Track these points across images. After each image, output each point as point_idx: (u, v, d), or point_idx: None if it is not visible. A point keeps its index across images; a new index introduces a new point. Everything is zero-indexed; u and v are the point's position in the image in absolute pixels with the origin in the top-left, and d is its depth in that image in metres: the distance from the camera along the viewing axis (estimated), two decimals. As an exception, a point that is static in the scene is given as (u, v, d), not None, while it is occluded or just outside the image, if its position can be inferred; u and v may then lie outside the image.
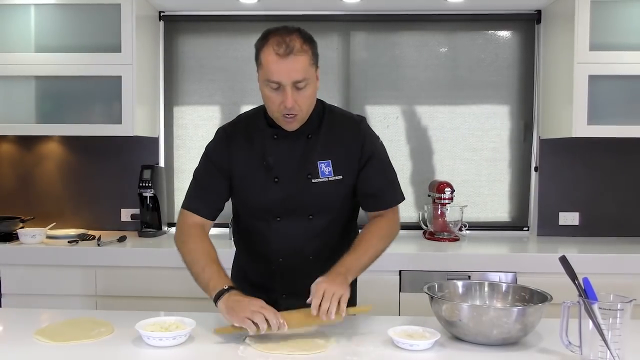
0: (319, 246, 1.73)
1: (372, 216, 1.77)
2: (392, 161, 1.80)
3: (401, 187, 1.81)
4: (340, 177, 1.68)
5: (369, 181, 1.71)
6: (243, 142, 1.72)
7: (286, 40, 1.53)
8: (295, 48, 1.53)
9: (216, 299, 1.52)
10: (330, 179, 1.68)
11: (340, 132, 1.71)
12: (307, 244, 1.70)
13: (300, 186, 1.67)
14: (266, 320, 1.42)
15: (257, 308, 1.45)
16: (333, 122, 1.73)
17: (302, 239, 1.68)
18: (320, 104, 1.75)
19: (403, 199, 1.78)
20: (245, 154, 1.71)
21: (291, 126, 1.64)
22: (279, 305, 1.76)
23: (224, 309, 1.48)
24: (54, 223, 3.18)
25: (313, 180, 1.67)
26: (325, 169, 1.67)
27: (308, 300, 1.48)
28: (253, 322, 1.42)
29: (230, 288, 1.53)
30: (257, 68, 1.62)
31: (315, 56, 1.61)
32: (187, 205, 1.76)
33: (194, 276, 1.65)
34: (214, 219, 1.77)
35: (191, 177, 1.80)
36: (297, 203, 1.68)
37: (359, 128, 1.72)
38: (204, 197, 1.75)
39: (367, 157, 1.70)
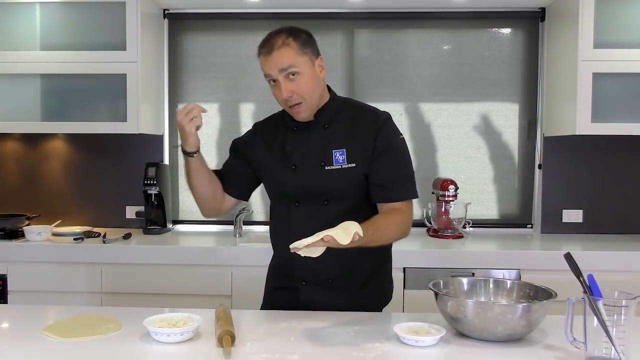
0: None
1: (382, 209, 1.76)
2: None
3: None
4: (354, 165, 1.73)
5: (379, 172, 1.74)
6: (270, 133, 1.86)
7: (270, 40, 1.70)
8: (277, 44, 1.68)
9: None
10: (343, 166, 1.73)
11: (357, 122, 1.77)
12: (323, 229, 1.67)
13: (315, 174, 1.75)
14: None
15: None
16: (352, 113, 1.80)
17: (318, 223, 1.67)
18: (343, 98, 1.86)
19: (415, 196, 1.78)
20: (270, 144, 1.84)
21: (300, 115, 1.74)
22: (299, 292, 1.80)
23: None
24: (60, 220, 3.20)
25: (326, 168, 1.74)
26: (339, 157, 1.74)
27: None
28: None
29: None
30: None
31: (306, 47, 1.71)
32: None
33: (192, 185, 1.82)
34: (230, 194, 1.90)
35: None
36: (312, 189, 1.75)
37: (376, 120, 1.76)
38: (222, 171, 1.91)
39: (380, 149, 1.73)
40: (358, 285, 1.81)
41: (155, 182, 3.12)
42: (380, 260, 1.87)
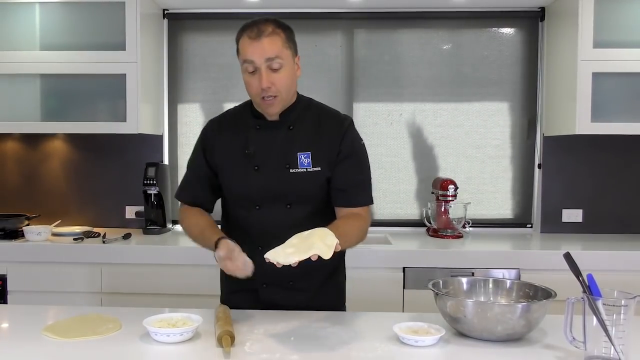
0: None
1: (341, 213, 1.77)
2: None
3: (372, 191, 1.83)
4: (319, 168, 1.73)
5: (341, 177, 1.75)
6: (228, 132, 1.80)
7: (258, 25, 1.65)
8: (267, 31, 1.64)
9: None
10: (308, 169, 1.73)
11: (322, 125, 1.77)
12: (285, 232, 1.59)
13: (279, 175, 1.72)
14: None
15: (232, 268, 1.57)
16: (317, 116, 1.79)
17: (280, 227, 1.66)
18: (307, 99, 1.83)
19: (371, 202, 1.81)
20: (229, 143, 1.78)
21: (271, 109, 1.71)
22: (259, 294, 1.79)
23: (218, 259, 1.60)
24: (59, 220, 3.20)
25: (291, 170, 1.72)
26: (304, 160, 1.73)
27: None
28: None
29: (220, 239, 1.62)
30: (239, 59, 1.71)
31: (290, 42, 1.70)
32: (179, 195, 1.88)
33: (200, 244, 1.75)
34: (207, 210, 1.86)
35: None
36: (275, 192, 1.73)
37: (341, 125, 1.77)
38: (194, 188, 1.84)
39: (344, 154, 1.74)
40: (318, 284, 1.81)
41: (155, 182, 3.12)
42: (339, 258, 1.87)
